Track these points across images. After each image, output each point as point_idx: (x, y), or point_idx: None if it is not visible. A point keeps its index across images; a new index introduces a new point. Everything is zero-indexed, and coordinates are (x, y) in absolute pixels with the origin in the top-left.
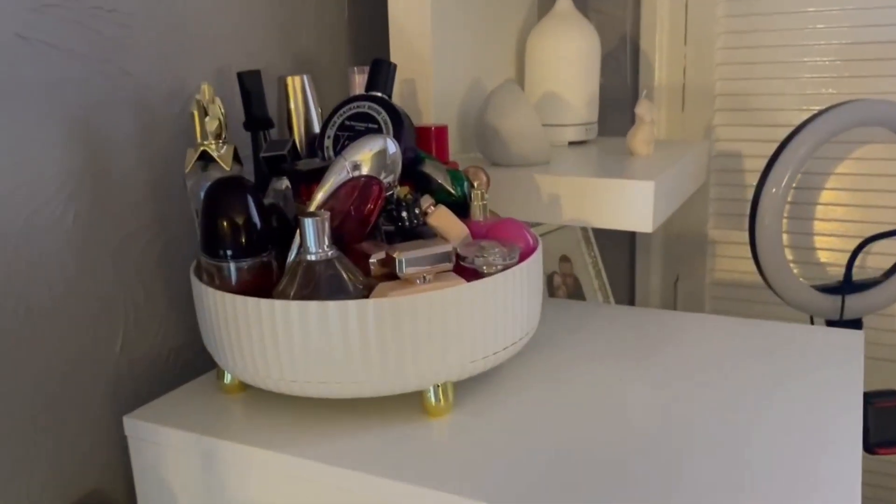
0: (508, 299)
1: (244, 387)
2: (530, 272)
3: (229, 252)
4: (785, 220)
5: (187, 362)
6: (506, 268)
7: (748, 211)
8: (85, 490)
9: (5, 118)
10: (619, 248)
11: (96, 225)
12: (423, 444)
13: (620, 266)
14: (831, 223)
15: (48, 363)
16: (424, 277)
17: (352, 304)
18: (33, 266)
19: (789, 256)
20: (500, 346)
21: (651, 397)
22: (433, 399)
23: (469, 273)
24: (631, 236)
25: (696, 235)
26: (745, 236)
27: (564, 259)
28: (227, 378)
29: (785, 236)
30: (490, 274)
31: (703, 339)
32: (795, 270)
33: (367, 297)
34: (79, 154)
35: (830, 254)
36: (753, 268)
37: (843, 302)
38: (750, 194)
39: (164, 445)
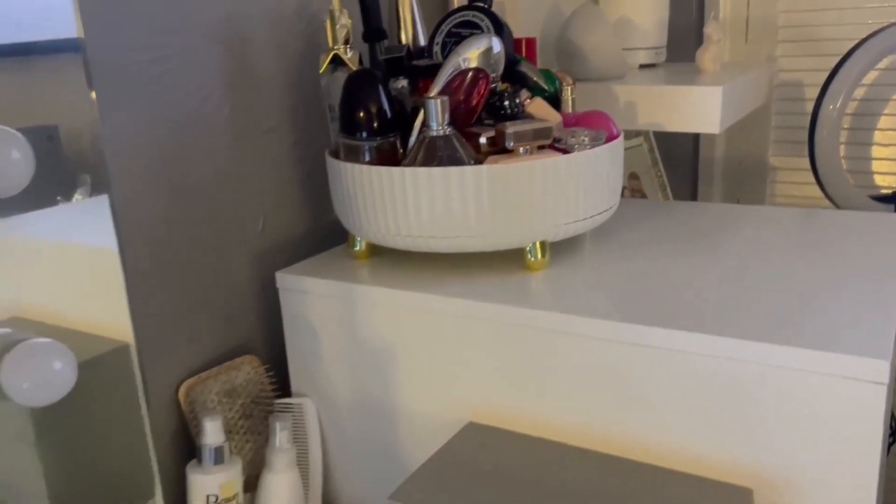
0: (597, 173)
1: (371, 252)
2: (614, 153)
3: (364, 133)
4: (844, 146)
5: (314, 244)
6: (594, 147)
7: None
8: (238, 340)
9: (179, 23)
10: (683, 175)
11: (243, 119)
12: (525, 287)
13: (683, 193)
14: (890, 147)
15: (207, 232)
16: (528, 149)
17: (468, 170)
18: (198, 145)
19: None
20: (588, 214)
21: (720, 267)
22: (531, 256)
23: (562, 154)
24: (693, 163)
25: (758, 162)
26: (806, 162)
27: (634, 176)
28: (358, 245)
29: (845, 161)
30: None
31: (763, 225)
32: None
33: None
34: (231, 57)
35: (889, 177)
36: (813, 192)
37: (895, 209)
38: None
39: (309, 293)
